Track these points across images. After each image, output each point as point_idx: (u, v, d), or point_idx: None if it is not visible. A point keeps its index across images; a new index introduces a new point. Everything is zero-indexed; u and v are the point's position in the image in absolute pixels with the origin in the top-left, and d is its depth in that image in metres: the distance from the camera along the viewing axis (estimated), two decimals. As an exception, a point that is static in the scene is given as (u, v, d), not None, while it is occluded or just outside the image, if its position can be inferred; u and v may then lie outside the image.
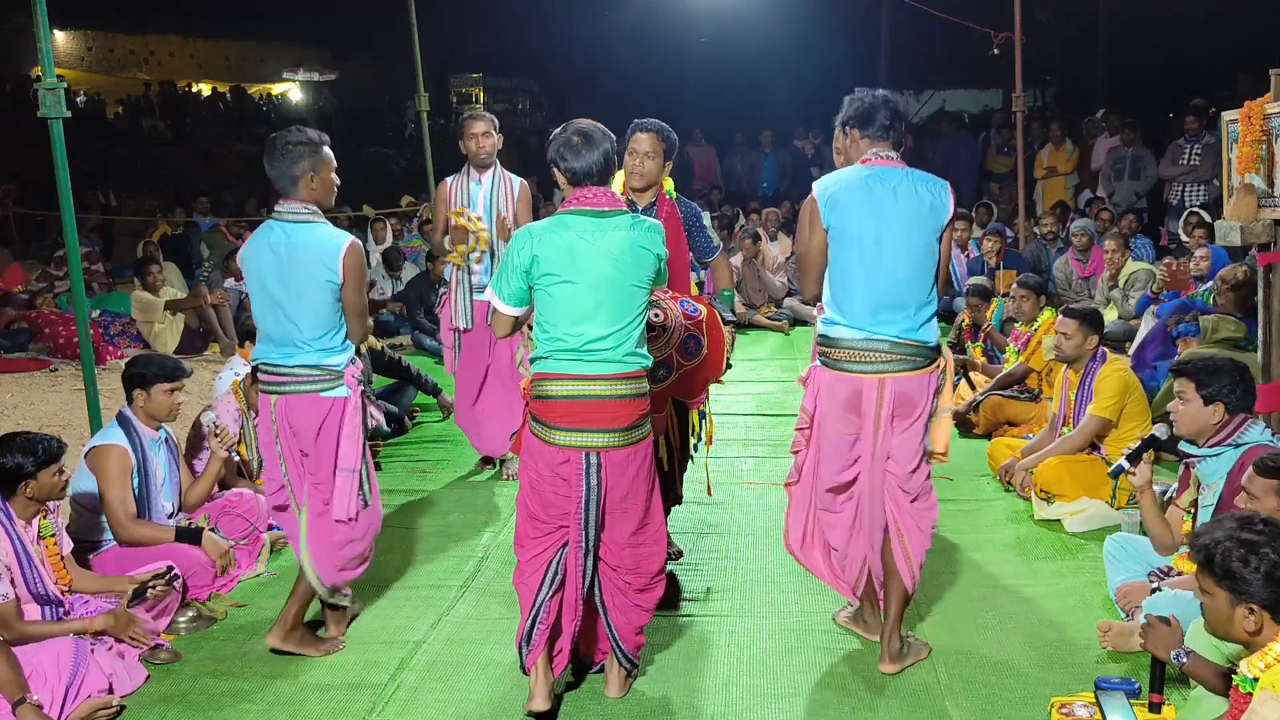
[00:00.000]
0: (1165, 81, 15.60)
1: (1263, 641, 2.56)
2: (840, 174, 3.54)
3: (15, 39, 20.13)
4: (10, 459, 3.60)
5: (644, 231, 3.28)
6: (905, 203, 3.42)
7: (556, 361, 3.24)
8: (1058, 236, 10.01)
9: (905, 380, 3.44)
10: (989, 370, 6.92)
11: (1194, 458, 3.81)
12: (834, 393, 3.51)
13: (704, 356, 4.02)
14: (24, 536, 3.63)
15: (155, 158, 18.37)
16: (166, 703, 3.56)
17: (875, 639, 3.73)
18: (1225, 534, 2.59)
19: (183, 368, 4.49)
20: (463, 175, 5.57)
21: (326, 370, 3.67)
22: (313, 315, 3.62)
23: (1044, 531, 4.90)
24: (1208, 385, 3.75)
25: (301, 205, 3.66)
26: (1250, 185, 4.77)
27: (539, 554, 3.35)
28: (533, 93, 26.30)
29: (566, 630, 3.37)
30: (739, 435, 6.64)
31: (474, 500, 5.58)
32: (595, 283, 3.19)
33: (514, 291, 3.27)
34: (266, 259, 3.63)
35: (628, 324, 3.25)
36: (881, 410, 3.45)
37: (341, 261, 3.60)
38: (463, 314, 5.57)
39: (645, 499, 3.38)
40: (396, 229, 12.12)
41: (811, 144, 15.41)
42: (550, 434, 3.25)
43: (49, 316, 8.90)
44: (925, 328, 3.46)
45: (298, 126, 3.75)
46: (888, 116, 3.50)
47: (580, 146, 3.27)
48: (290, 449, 3.75)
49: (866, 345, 3.43)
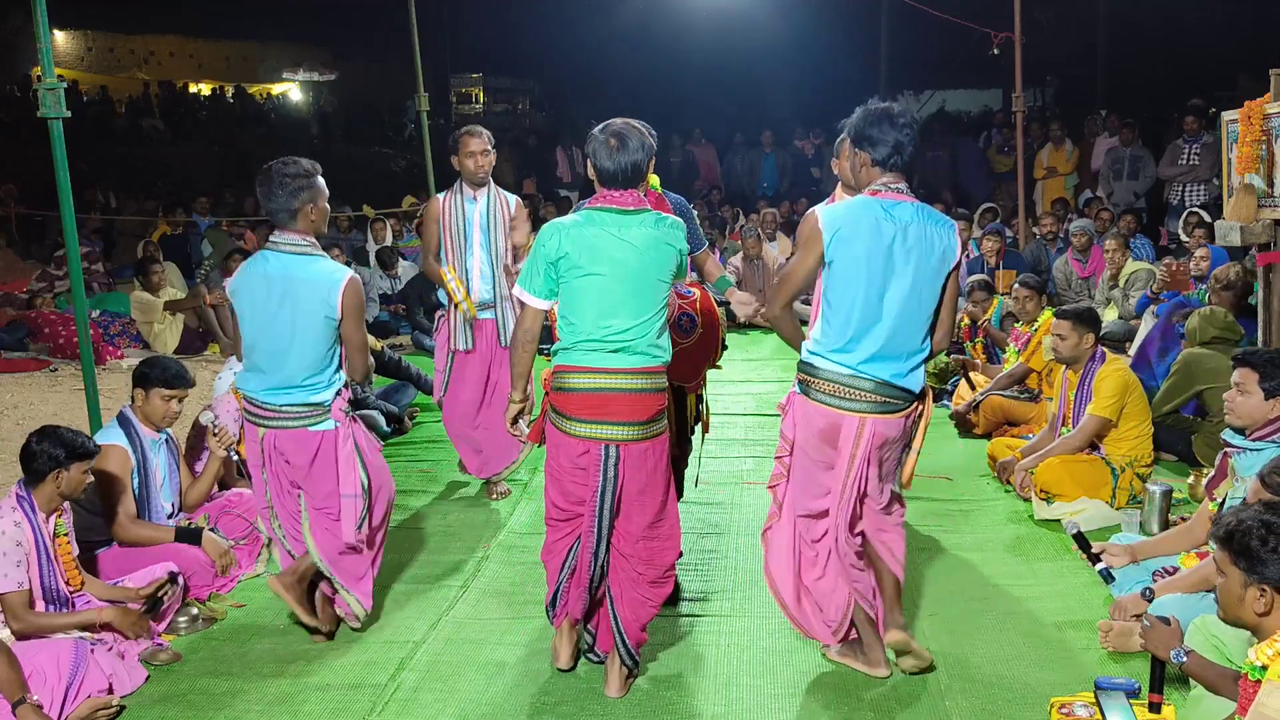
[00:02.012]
0: (1165, 81, 15.59)
1: (1271, 626, 2.57)
2: (850, 207, 3.35)
3: (15, 39, 20.15)
4: (51, 447, 3.63)
5: (667, 228, 3.38)
6: (915, 250, 3.27)
7: (580, 354, 3.31)
8: (1057, 236, 10.01)
9: (885, 423, 3.34)
10: (989, 370, 6.92)
11: (1235, 449, 3.78)
12: (811, 422, 3.40)
13: (698, 335, 4.04)
14: (45, 530, 3.66)
15: (155, 158, 18.37)
16: (166, 703, 3.56)
17: (875, 672, 3.58)
18: (1250, 515, 2.63)
19: (186, 378, 4.44)
20: (456, 193, 5.32)
21: (314, 406, 3.68)
22: (306, 351, 3.63)
23: (1044, 531, 4.90)
24: (1273, 378, 3.71)
25: (300, 237, 3.64)
26: (1250, 185, 4.78)
27: (563, 536, 3.51)
28: (533, 93, 26.28)
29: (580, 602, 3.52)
30: (739, 435, 6.64)
31: (474, 500, 5.57)
32: (621, 276, 3.27)
33: (545, 285, 3.35)
34: (261, 291, 3.62)
35: (651, 316, 3.33)
36: (858, 450, 3.34)
37: (341, 297, 3.60)
38: (463, 336, 5.38)
39: (663, 493, 3.44)
40: (396, 229, 12.11)
41: (811, 144, 15.41)
42: (570, 425, 3.33)
43: (49, 316, 8.90)
44: (913, 375, 3.36)
45: (291, 158, 3.71)
46: (901, 144, 3.30)
47: (615, 150, 3.33)
48: (278, 477, 3.77)
49: (850, 382, 3.31)
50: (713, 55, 19.54)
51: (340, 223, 12.95)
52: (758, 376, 8.34)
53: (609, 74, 21.55)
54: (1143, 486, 4.91)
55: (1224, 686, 2.85)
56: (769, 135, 15.70)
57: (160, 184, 16.31)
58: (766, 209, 12.45)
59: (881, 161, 3.33)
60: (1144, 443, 5.15)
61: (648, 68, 20.51)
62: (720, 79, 19.96)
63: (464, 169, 5.29)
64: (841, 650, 3.68)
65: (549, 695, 3.54)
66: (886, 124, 3.31)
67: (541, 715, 3.44)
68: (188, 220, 13.17)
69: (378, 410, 6.64)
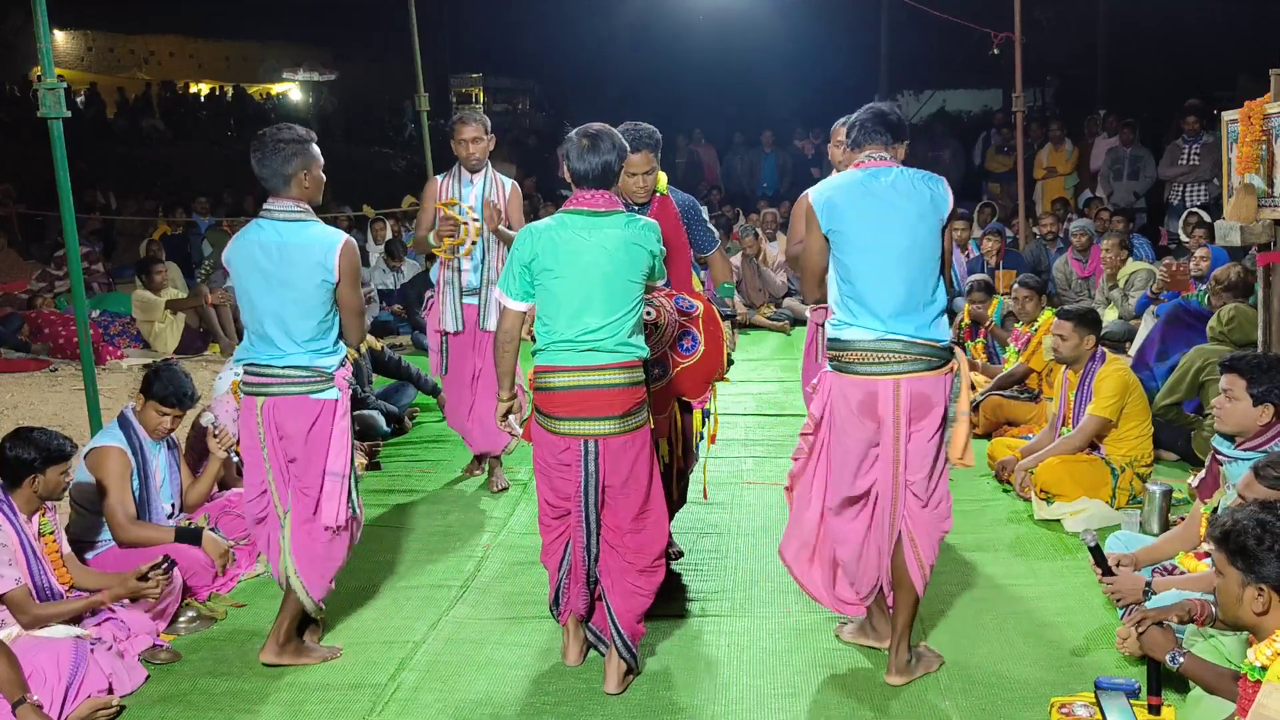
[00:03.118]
0: (1165, 81, 15.58)
1: (1270, 626, 2.57)
2: (835, 179, 3.53)
3: (15, 39, 20.14)
4: (23, 452, 3.62)
5: (638, 229, 3.44)
6: (905, 196, 3.38)
7: (555, 354, 3.40)
8: (1057, 236, 10.02)
9: (921, 381, 3.37)
10: (989, 370, 6.92)
11: (1225, 458, 3.74)
12: (848, 397, 3.43)
13: (701, 353, 4.03)
14: (27, 530, 3.65)
15: (155, 158, 18.37)
16: (166, 703, 3.56)
17: (886, 647, 3.63)
18: (1246, 515, 2.63)
19: (188, 397, 4.38)
20: (453, 175, 5.44)
21: (318, 372, 3.62)
22: (306, 315, 3.59)
23: (1044, 531, 4.90)
24: (1260, 384, 3.65)
25: (293, 203, 3.62)
26: (1250, 185, 4.78)
27: (557, 537, 3.59)
28: (533, 93, 26.24)
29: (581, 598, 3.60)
30: (739, 435, 6.64)
31: (474, 500, 5.58)
32: (590, 277, 3.36)
33: (520, 288, 3.46)
34: (257, 258, 3.59)
35: (622, 315, 3.38)
36: (900, 413, 3.37)
37: (338, 259, 3.58)
38: (451, 317, 5.42)
39: (645, 486, 3.49)
40: (396, 229, 12.11)
41: (812, 144, 15.41)
42: (552, 424, 3.42)
43: (49, 316, 8.90)
44: (936, 325, 3.41)
45: (286, 124, 3.71)
46: (873, 121, 3.48)
47: (585, 150, 3.42)
48: (276, 454, 3.68)
49: (880, 346, 3.36)
50: (713, 55, 19.54)
51: (340, 223, 12.95)
52: (758, 376, 8.34)
53: (609, 74, 21.55)
54: (1143, 486, 4.92)
55: (1223, 687, 2.85)
56: (769, 135, 15.71)
57: (160, 184, 16.31)
58: (766, 209, 12.46)
59: (859, 141, 3.52)
60: (1144, 443, 5.15)
61: (648, 68, 20.51)
62: (720, 79, 19.96)
63: (458, 155, 5.42)
64: (853, 630, 3.82)
65: (549, 695, 3.54)
66: (861, 115, 3.53)
67: (541, 715, 3.44)
68: (188, 220, 13.17)
69: (378, 410, 6.64)
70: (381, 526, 5.14)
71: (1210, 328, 5.88)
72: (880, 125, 3.48)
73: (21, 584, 3.48)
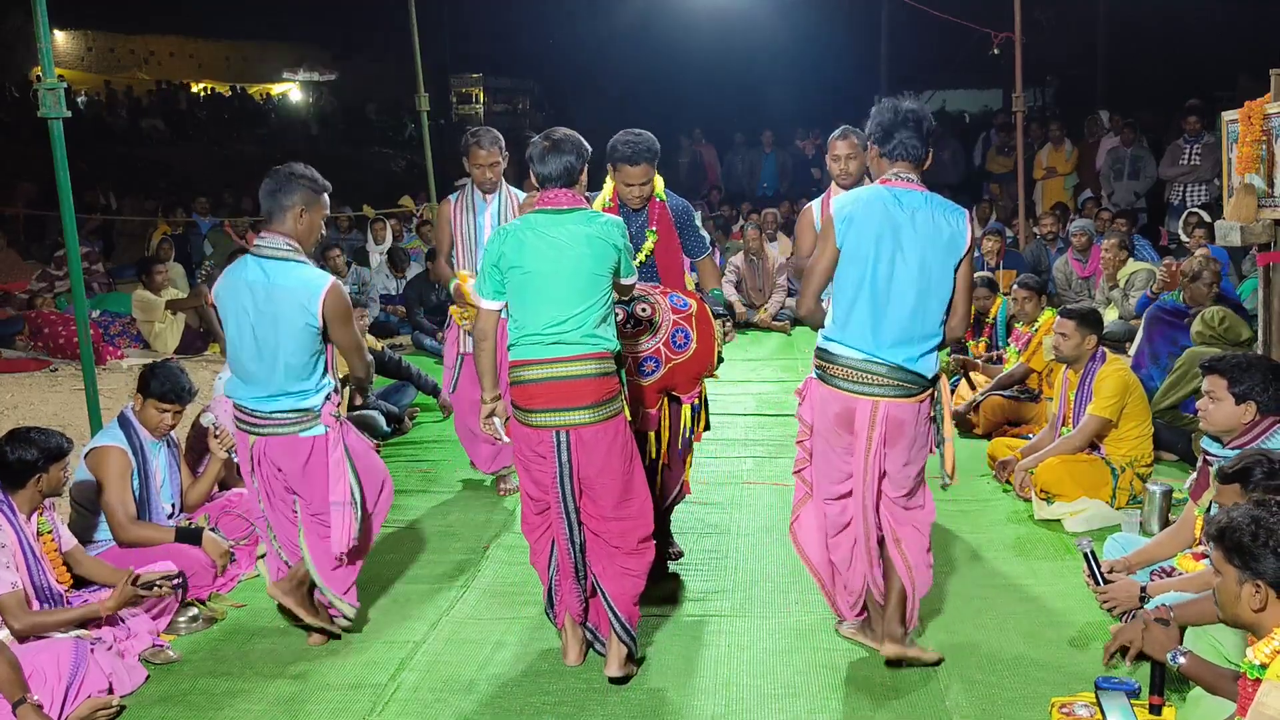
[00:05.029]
0: (1165, 81, 15.57)
1: (1268, 623, 2.57)
2: (859, 194, 3.52)
3: (15, 39, 20.13)
4: (25, 453, 3.63)
5: (601, 225, 3.51)
6: (923, 232, 3.37)
7: (526, 347, 3.48)
8: (1057, 236, 10.02)
9: (900, 407, 3.43)
10: (989, 370, 6.92)
11: (1215, 458, 3.76)
12: (827, 407, 3.52)
13: (693, 350, 4.06)
14: (27, 530, 3.65)
15: (155, 158, 18.36)
16: (166, 703, 3.56)
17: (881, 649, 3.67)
18: (1241, 513, 2.63)
19: (187, 393, 4.40)
20: (466, 196, 5.38)
21: (303, 412, 3.66)
22: (291, 359, 3.61)
23: (1044, 531, 4.90)
24: (1240, 383, 3.68)
25: (283, 240, 3.62)
26: (1250, 185, 4.78)
27: (542, 534, 3.65)
28: (533, 93, 26.26)
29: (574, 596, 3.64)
30: (739, 435, 6.64)
31: (474, 500, 5.58)
32: (554, 272, 3.44)
33: (491, 287, 3.55)
34: (244, 298, 3.61)
35: (587, 308, 3.45)
36: (874, 432, 3.44)
37: (321, 305, 3.58)
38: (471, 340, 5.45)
39: (622, 475, 3.52)
40: (396, 229, 12.11)
41: (812, 144, 15.41)
42: (526, 417, 3.48)
43: (49, 316, 8.90)
44: (925, 359, 3.45)
45: (307, 165, 3.75)
46: (909, 134, 3.45)
47: (547, 153, 3.53)
48: (271, 485, 3.76)
49: (864, 366, 3.42)
50: (713, 55, 19.55)
51: (340, 223, 12.95)
52: (758, 376, 8.34)
53: (609, 74, 21.56)
54: (1143, 486, 4.91)
55: (1223, 686, 2.85)
56: (769, 135, 15.71)
57: (160, 184, 16.31)
58: (767, 209, 12.46)
59: (889, 152, 3.49)
60: (1144, 443, 5.15)
61: (648, 68, 20.52)
62: (720, 79, 19.97)
63: (473, 177, 5.38)
64: (853, 628, 3.83)
65: (549, 695, 3.54)
66: (890, 115, 3.48)
67: (541, 715, 3.44)
68: (188, 220, 13.16)
69: (378, 410, 6.64)
70: (382, 526, 5.13)
71: (1199, 332, 5.88)
72: (916, 139, 3.45)
73: (17, 589, 3.46)
